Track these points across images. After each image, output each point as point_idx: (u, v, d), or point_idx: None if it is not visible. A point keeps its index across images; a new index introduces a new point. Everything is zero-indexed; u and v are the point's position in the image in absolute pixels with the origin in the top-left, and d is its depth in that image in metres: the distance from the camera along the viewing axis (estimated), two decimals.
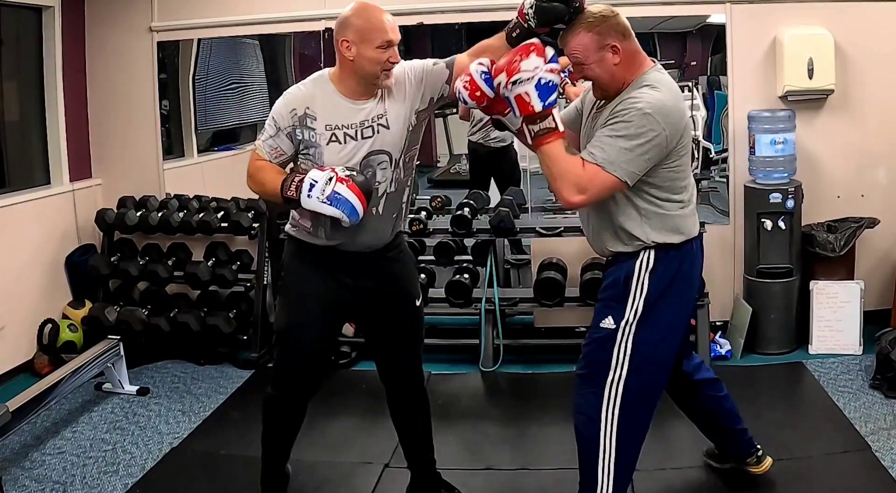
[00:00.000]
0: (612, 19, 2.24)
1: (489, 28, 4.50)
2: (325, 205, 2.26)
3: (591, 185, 2.15)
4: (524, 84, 2.11)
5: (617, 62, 2.23)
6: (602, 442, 2.33)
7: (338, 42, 2.36)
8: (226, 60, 5.25)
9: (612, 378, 2.30)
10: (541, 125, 2.16)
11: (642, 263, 2.29)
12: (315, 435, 3.40)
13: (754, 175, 4.14)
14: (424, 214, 4.39)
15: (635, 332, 2.28)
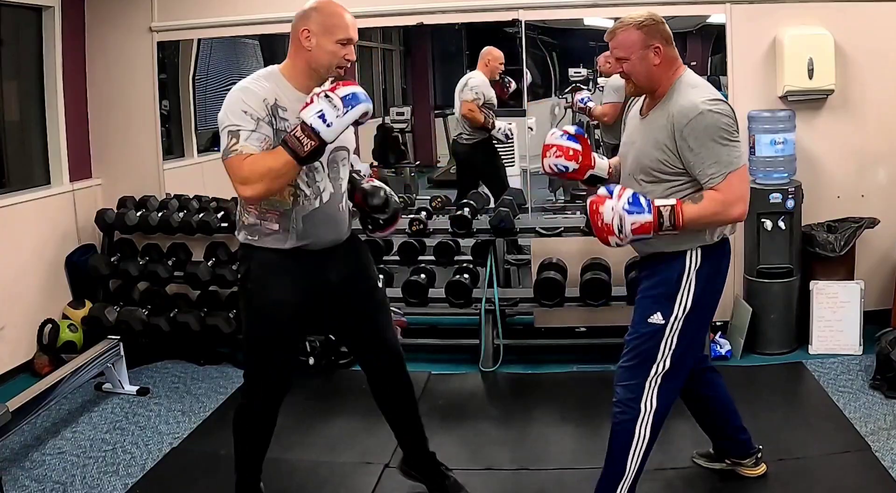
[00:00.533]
0: (660, 24, 2.41)
1: (489, 28, 4.54)
2: (349, 114, 2.22)
3: (738, 190, 2.29)
4: (625, 225, 2.28)
5: (657, 63, 2.38)
6: (638, 431, 2.43)
7: (297, 31, 2.36)
8: (226, 60, 5.26)
9: (655, 371, 2.41)
10: (666, 218, 2.29)
11: (691, 261, 2.38)
12: (315, 435, 3.40)
13: (754, 175, 4.14)
14: (424, 214, 4.39)
15: (682, 327, 2.39)
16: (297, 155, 2.22)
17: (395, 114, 5.78)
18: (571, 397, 3.71)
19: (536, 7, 4.36)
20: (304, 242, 2.42)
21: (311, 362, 4.17)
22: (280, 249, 2.41)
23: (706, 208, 2.29)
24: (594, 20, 4.59)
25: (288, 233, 2.40)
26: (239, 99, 2.29)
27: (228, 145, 2.26)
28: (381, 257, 4.47)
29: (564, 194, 4.99)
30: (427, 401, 3.76)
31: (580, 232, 4.15)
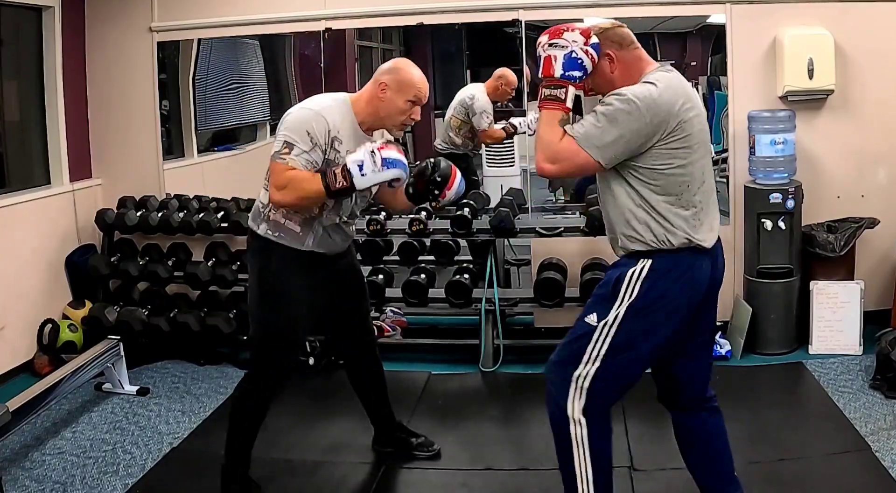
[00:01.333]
0: (609, 30, 2.36)
1: (489, 28, 4.54)
2: (383, 172, 2.52)
3: (562, 155, 2.24)
4: (557, 49, 2.26)
5: (613, 70, 2.33)
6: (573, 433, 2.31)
7: (376, 83, 2.66)
8: (226, 60, 5.25)
9: (580, 372, 2.29)
10: (552, 91, 2.27)
11: (636, 269, 2.27)
12: (315, 435, 3.40)
13: (754, 175, 4.14)
14: (424, 215, 4.39)
15: (614, 334, 2.27)
16: (329, 188, 2.52)
17: None
18: None
19: (536, 7, 4.37)
20: (320, 247, 2.71)
21: (311, 362, 4.17)
22: (298, 249, 2.68)
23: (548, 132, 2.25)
24: (594, 20, 4.56)
25: (307, 237, 2.69)
26: (310, 120, 2.56)
27: (280, 151, 2.54)
28: (381, 257, 4.47)
29: (564, 194, 4.99)
30: (427, 401, 3.77)
31: (580, 232, 4.15)
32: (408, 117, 2.67)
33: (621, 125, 2.18)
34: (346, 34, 4.84)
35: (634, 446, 3.19)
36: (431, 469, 3.11)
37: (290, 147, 2.53)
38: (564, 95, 2.26)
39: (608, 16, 4.49)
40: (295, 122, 2.57)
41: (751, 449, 3.10)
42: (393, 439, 3.18)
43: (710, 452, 2.53)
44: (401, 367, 4.20)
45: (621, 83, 2.30)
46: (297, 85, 5.44)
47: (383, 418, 3.17)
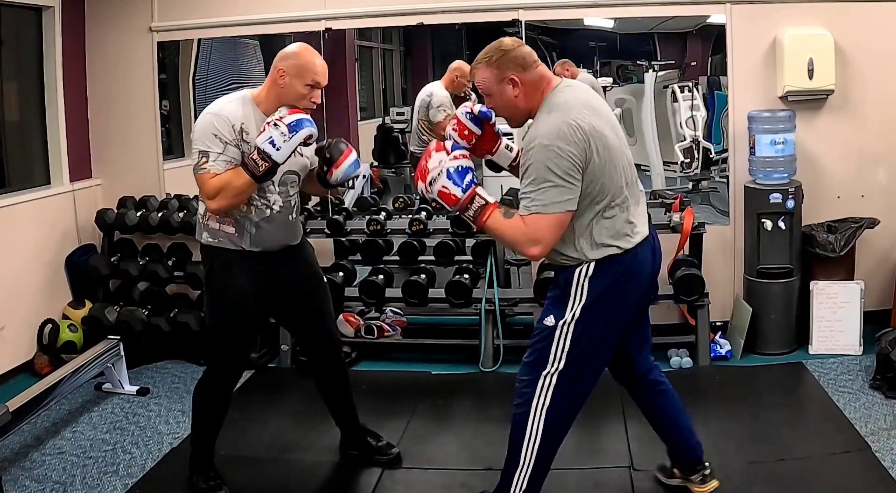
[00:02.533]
0: (511, 52, 2.38)
1: (489, 28, 4.54)
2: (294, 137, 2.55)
3: (541, 233, 2.28)
4: (438, 180, 2.36)
5: (517, 94, 2.38)
6: (530, 426, 2.46)
7: (275, 69, 2.67)
8: (226, 61, 5.25)
9: (547, 371, 2.42)
10: (473, 208, 2.37)
11: (585, 268, 2.38)
12: (315, 435, 3.40)
13: (754, 175, 4.14)
14: (424, 215, 4.39)
15: (572, 331, 2.39)
16: (254, 175, 2.58)
17: (395, 114, 5.77)
18: None
19: (536, 7, 4.36)
20: (257, 245, 2.75)
21: None
22: (237, 249, 2.74)
23: (508, 230, 2.34)
24: (594, 20, 4.59)
25: (242, 236, 2.73)
26: (211, 123, 2.61)
27: (199, 163, 2.62)
28: (381, 257, 4.47)
29: None
30: (427, 401, 3.77)
31: None
32: (308, 101, 2.68)
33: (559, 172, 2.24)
34: (346, 34, 4.85)
35: (634, 446, 3.18)
36: (431, 469, 3.11)
37: (206, 155, 2.59)
38: (483, 199, 2.36)
39: (608, 15, 4.51)
40: (199, 130, 2.62)
41: (751, 449, 3.11)
42: (356, 441, 3.16)
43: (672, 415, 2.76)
44: (401, 367, 4.20)
45: (526, 104, 2.39)
46: None
47: (349, 421, 3.16)
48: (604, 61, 4.85)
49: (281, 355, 4.27)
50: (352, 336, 4.32)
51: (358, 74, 5.52)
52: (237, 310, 2.79)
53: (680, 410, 2.77)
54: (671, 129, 4.75)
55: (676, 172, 4.78)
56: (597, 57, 4.84)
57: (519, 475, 2.51)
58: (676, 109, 4.70)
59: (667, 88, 4.74)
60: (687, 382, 3.89)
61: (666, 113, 4.76)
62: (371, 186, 5.41)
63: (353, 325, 4.34)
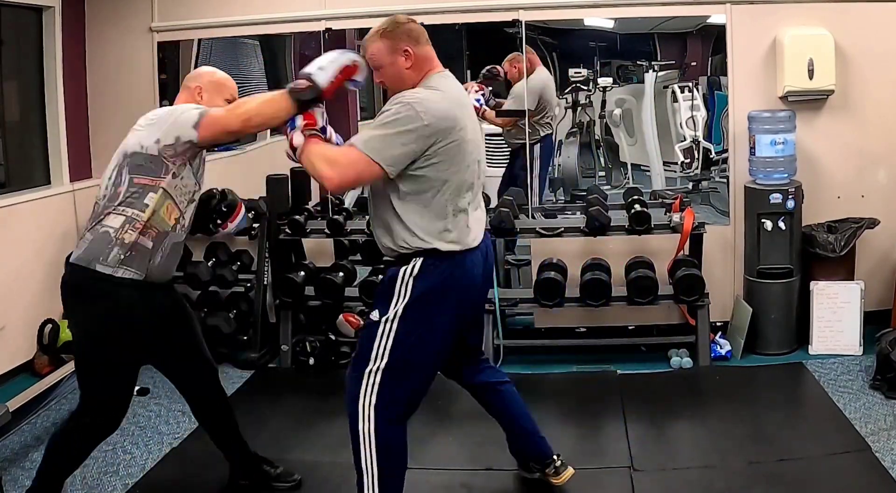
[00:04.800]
0: (405, 26, 2.42)
1: (489, 28, 4.54)
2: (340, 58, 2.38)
3: (343, 160, 2.26)
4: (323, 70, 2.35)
5: (409, 66, 2.39)
6: (362, 429, 2.40)
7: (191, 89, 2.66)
8: (226, 61, 5.25)
9: (370, 367, 2.39)
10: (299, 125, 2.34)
11: (410, 267, 2.38)
12: (315, 435, 3.40)
13: (754, 176, 4.14)
14: None
15: (396, 329, 2.37)
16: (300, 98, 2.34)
17: None
18: (571, 397, 3.71)
19: (536, 7, 4.36)
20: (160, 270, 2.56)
21: (312, 362, 4.18)
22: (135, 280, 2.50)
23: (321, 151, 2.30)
24: (594, 20, 4.59)
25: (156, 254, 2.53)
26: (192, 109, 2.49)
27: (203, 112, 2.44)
28: (381, 257, 4.46)
29: (564, 194, 4.99)
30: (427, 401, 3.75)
31: (580, 232, 4.15)
32: None
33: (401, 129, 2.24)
34: (346, 34, 4.84)
35: (634, 446, 3.18)
36: (431, 469, 3.11)
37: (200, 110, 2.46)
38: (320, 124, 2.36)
39: (608, 16, 4.51)
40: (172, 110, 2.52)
41: (751, 449, 3.11)
42: (249, 471, 2.97)
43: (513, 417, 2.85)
44: None
45: (412, 79, 2.39)
46: None
47: (234, 449, 2.95)
48: (604, 61, 4.85)
49: (281, 355, 4.27)
50: (352, 336, 4.31)
51: None
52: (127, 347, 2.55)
53: (521, 411, 2.84)
54: (671, 129, 4.76)
55: (676, 173, 4.78)
56: (597, 57, 4.84)
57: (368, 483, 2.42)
58: (676, 109, 4.70)
59: (667, 89, 4.74)
60: (687, 382, 3.90)
61: (666, 113, 4.76)
62: None
63: (353, 325, 4.33)
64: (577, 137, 4.89)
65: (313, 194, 4.86)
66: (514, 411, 2.86)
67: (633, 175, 4.91)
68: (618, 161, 4.96)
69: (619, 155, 4.96)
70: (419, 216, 2.35)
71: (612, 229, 4.13)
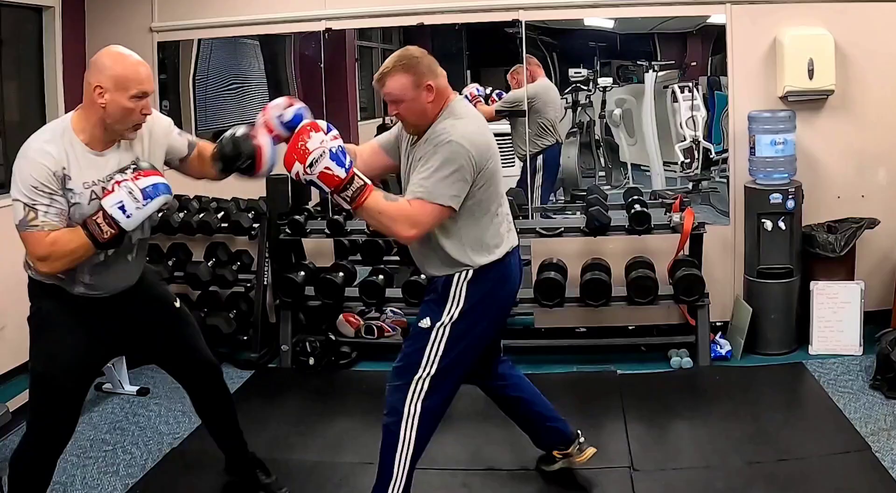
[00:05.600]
0: (425, 58, 2.45)
1: (489, 28, 4.54)
2: (149, 206, 2.27)
3: (421, 218, 2.35)
4: (321, 161, 2.27)
5: (431, 100, 2.43)
6: (403, 433, 2.48)
7: (89, 86, 2.28)
8: (226, 61, 5.25)
9: (420, 374, 2.47)
10: (353, 188, 2.32)
11: (464, 273, 2.47)
12: (315, 435, 3.40)
13: (754, 176, 4.14)
14: None
15: (449, 335, 2.47)
16: (97, 241, 2.25)
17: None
18: (571, 397, 3.71)
19: (536, 7, 4.37)
20: (92, 293, 2.43)
21: (312, 362, 4.18)
22: (70, 292, 2.41)
23: (390, 210, 2.36)
24: (594, 20, 4.59)
25: (74, 283, 2.40)
26: (29, 172, 2.25)
27: (27, 219, 2.23)
28: (381, 258, 4.47)
29: (565, 195, 4.99)
30: None
31: (580, 232, 4.15)
32: (139, 115, 2.32)
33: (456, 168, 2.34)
34: (346, 34, 4.84)
35: (634, 446, 3.18)
36: (431, 469, 3.10)
37: (33, 210, 2.22)
38: (362, 180, 2.34)
39: (608, 16, 4.51)
40: (18, 179, 2.26)
41: (751, 449, 3.11)
42: (243, 471, 2.93)
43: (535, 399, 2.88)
44: None
45: (433, 111, 2.44)
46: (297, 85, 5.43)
47: (232, 449, 2.91)
48: (604, 61, 4.85)
49: (281, 355, 4.27)
50: (352, 336, 4.32)
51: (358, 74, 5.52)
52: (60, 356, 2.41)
53: (541, 398, 2.89)
54: (671, 129, 4.75)
55: (676, 173, 4.77)
56: (597, 57, 4.84)
57: (393, 486, 2.50)
58: (676, 109, 4.70)
59: (667, 89, 4.74)
60: (687, 382, 3.90)
61: (666, 113, 4.75)
62: None
63: (353, 325, 4.34)
64: (577, 137, 4.89)
65: (313, 194, 4.86)
66: (536, 399, 2.89)
67: (633, 175, 4.91)
68: (618, 161, 4.96)
69: (619, 155, 4.95)
70: (471, 236, 2.47)
71: (612, 229, 4.13)
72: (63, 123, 2.35)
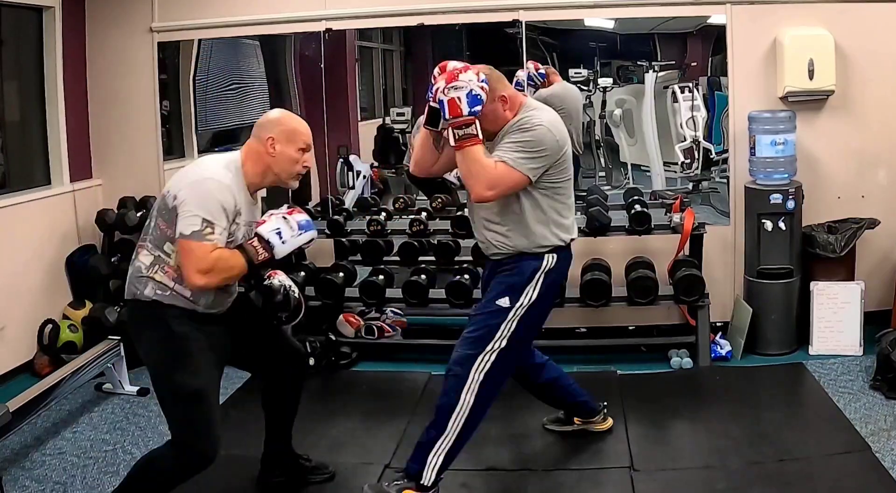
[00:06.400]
0: (495, 72, 2.68)
1: (489, 29, 4.54)
2: (302, 236, 2.55)
3: (501, 181, 2.57)
4: (458, 90, 2.53)
5: (506, 109, 2.67)
6: (463, 397, 2.67)
7: (261, 139, 2.54)
8: (226, 61, 5.25)
9: (492, 347, 2.68)
10: (465, 130, 2.54)
11: (547, 263, 2.72)
12: (315, 435, 3.40)
13: (755, 176, 4.14)
14: (425, 215, 4.39)
15: (523, 315, 2.69)
16: (252, 262, 2.48)
17: (395, 114, 5.77)
18: None
19: (537, 8, 4.37)
20: (212, 309, 2.57)
21: (312, 362, 4.17)
22: (193, 310, 2.51)
23: (480, 164, 2.55)
24: (595, 21, 4.59)
25: (198, 303, 2.51)
26: (221, 195, 2.41)
27: (202, 232, 2.36)
28: (381, 258, 4.47)
29: None
30: (427, 401, 3.75)
31: (580, 232, 4.14)
32: (301, 165, 2.57)
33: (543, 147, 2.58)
34: (346, 34, 4.84)
35: (634, 446, 3.18)
36: None
37: (211, 226, 2.37)
38: (476, 130, 2.55)
39: (608, 16, 4.51)
40: (205, 197, 2.39)
41: (751, 449, 3.11)
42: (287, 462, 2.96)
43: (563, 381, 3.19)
44: (401, 367, 4.20)
45: (506, 119, 2.67)
46: (297, 85, 5.43)
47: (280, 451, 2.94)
48: (604, 62, 4.85)
49: None
50: (352, 337, 4.32)
51: (358, 75, 5.52)
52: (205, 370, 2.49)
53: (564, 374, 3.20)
54: (671, 129, 4.75)
55: (677, 173, 4.78)
56: (597, 57, 4.84)
57: (440, 445, 2.67)
58: (677, 109, 4.70)
59: (667, 89, 4.74)
60: (687, 382, 3.90)
61: (666, 113, 4.76)
62: (371, 186, 5.40)
63: (353, 325, 4.34)
64: None
65: (313, 194, 4.87)
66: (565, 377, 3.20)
67: (633, 175, 4.91)
68: (618, 161, 4.96)
69: (619, 155, 4.95)
70: (554, 218, 2.71)
71: (612, 230, 4.13)
72: (234, 161, 2.55)
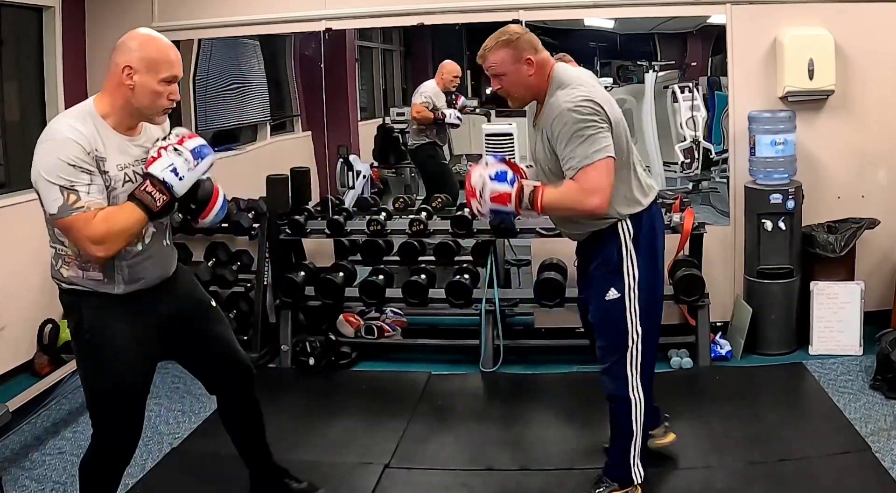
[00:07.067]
0: (525, 35, 2.56)
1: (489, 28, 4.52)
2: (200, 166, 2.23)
3: (593, 183, 2.40)
4: (486, 188, 2.47)
5: (531, 74, 2.53)
6: (633, 395, 2.63)
7: (117, 67, 2.22)
8: (226, 61, 5.25)
9: (632, 340, 2.59)
10: (527, 196, 2.47)
11: (624, 233, 2.57)
12: (315, 435, 3.40)
13: (755, 176, 4.14)
14: (425, 215, 4.39)
15: (638, 295, 2.59)
16: (150, 211, 2.17)
17: (395, 114, 5.78)
18: (571, 397, 3.71)
19: (536, 7, 4.36)
20: (133, 287, 2.30)
21: (312, 362, 4.18)
22: (110, 293, 2.27)
23: (564, 195, 2.45)
24: (595, 21, 4.59)
25: (113, 280, 2.26)
26: (61, 154, 2.10)
27: (68, 203, 2.08)
28: (381, 258, 4.47)
29: None
30: (427, 401, 3.77)
31: None
32: (167, 99, 2.24)
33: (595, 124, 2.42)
34: (346, 34, 4.85)
35: None
36: (431, 470, 3.11)
37: (73, 192, 2.08)
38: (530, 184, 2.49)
39: (608, 16, 4.51)
40: (50, 163, 2.09)
41: (751, 449, 3.11)
42: (270, 482, 2.81)
43: None
44: (401, 367, 4.20)
45: (536, 84, 2.55)
46: (297, 85, 5.44)
47: (259, 461, 2.79)
48: (604, 61, 4.86)
49: (281, 355, 4.26)
50: (352, 336, 4.32)
51: (358, 74, 5.52)
52: (121, 364, 2.29)
53: None
54: (671, 129, 4.76)
55: (677, 173, 4.78)
56: (597, 57, 4.85)
57: (633, 444, 2.66)
58: (677, 109, 4.70)
59: (667, 89, 4.74)
60: (687, 382, 3.90)
61: (666, 113, 4.76)
62: (371, 186, 5.41)
63: (353, 325, 4.34)
64: None
65: (313, 194, 4.87)
66: None
67: None
68: None
69: None
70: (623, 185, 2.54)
71: None
72: (86, 107, 2.24)
